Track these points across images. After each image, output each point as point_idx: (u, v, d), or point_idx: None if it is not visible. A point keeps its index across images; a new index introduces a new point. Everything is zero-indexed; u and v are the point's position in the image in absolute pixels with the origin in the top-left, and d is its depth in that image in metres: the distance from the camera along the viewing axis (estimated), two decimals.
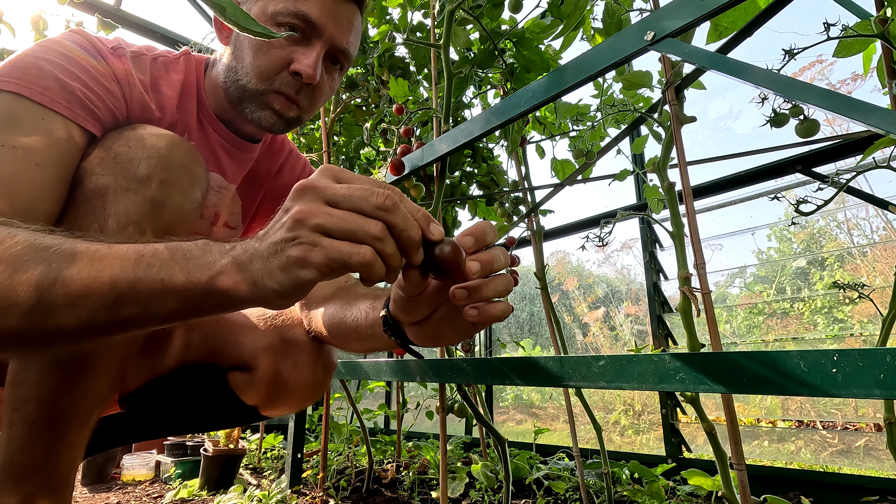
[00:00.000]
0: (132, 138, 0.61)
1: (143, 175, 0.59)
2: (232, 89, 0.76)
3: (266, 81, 0.73)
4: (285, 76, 0.73)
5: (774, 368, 0.50)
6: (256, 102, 0.75)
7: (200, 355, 0.80)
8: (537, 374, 0.75)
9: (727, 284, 2.41)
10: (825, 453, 1.86)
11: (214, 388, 0.80)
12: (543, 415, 3.00)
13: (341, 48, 0.76)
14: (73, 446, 0.59)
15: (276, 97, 0.74)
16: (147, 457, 2.05)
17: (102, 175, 0.58)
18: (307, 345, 0.82)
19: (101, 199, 0.57)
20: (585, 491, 1.29)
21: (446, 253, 0.44)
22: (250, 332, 0.80)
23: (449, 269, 0.45)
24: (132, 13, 1.78)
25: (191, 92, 0.78)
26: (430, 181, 1.52)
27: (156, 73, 0.74)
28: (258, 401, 0.81)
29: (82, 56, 0.63)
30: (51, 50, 0.61)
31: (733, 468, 0.76)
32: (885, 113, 0.50)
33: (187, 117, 0.77)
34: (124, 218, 0.57)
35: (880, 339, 0.80)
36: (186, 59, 0.80)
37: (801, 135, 0.87)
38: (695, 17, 0.66)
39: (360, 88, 1.80)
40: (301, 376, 0.81)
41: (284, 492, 1.57)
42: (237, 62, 0.75)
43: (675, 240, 0.86)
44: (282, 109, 0.75)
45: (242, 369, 0.80)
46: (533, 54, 1.35)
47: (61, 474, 0.58)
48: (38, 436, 0.56)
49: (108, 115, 0.64)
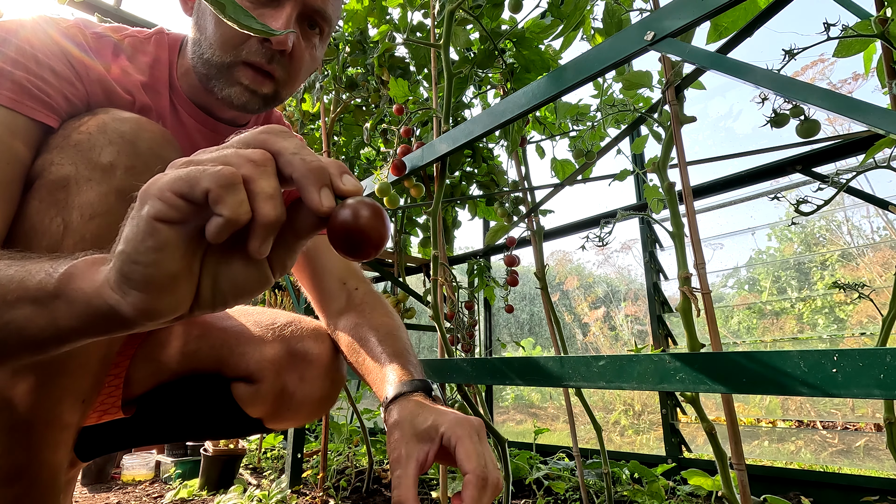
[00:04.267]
0: (92, 124, 0.56)
1: (107, 163, 0.54)
2: (199, 65, 0.69)
3: (231, 52, 0.65)
4: (253, 44, 0.65)
5: (774, 368, 0.50)
6: (224, 78, 0.67)
7: (207, 364, 0.77)
8: (537, 374, 0.75)
9: (725, 284, 2.41)
10: (825, 453, 1.86)
11: (218, 398, 0.78)
12: (543, 415, 3.00)
13: (315, 8, 0.67)
14: (56, 449, 0.56)
15: (245, 70, 0.66)
16: (147, 457, 2.05)
17: (62, 165, 0.54)
18: (315, 358, 0.78)
19: (64, 190, 0.53)
20: (585, 491, 1.29)
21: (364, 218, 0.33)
22: (257, 343, 0.76)
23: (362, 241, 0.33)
24: (132, 13, 1.78)
25: (161, 75, 0.71)
26: (430, 181, 1.52)
27: (122, 56, 0.67)
28: (263, 414, 0.78)
29: (29, 39, 0.57)
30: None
31: (733, 468, 0.76)
32: (886, 113, 0.50)
33: (160, 102, 0.71)
34: (89, 210, 0.53)
35: (880, 339, 0.80)
36: (158, 38, 0.72)
37: (801, 135, 0.87)
38: (695, 17, 0.66)
39: (360, 88, 1.80)
40: (308, 391, 0.78)
41: (284, 492, 1.58)
42: (200, 34, 0.67)
43: (675, 240, 0.86)
44: (252, 85, 0.67)
45: (247, 381, 0.77)
46: (533, 54, 1.35)
47: (46, 477, 0.56)
48: (18, 440, 0.53)
49: (64, 102, 0.59)
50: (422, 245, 2.12)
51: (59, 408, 0.56)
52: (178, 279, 0.33)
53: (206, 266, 0.35)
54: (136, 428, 0.78)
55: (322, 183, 0.33)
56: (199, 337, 0.78)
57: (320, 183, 0.33)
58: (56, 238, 0.52)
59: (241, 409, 0.77)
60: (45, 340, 0.37)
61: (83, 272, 0.35)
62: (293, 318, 0.82)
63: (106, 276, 0.33)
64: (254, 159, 0.32)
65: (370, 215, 0.33)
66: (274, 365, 0.76)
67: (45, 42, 0.59)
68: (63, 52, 0.60)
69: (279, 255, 0.36)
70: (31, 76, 0.56)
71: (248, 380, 0.76)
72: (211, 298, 0.35)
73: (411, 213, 2.04)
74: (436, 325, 1.12)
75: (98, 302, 0.34)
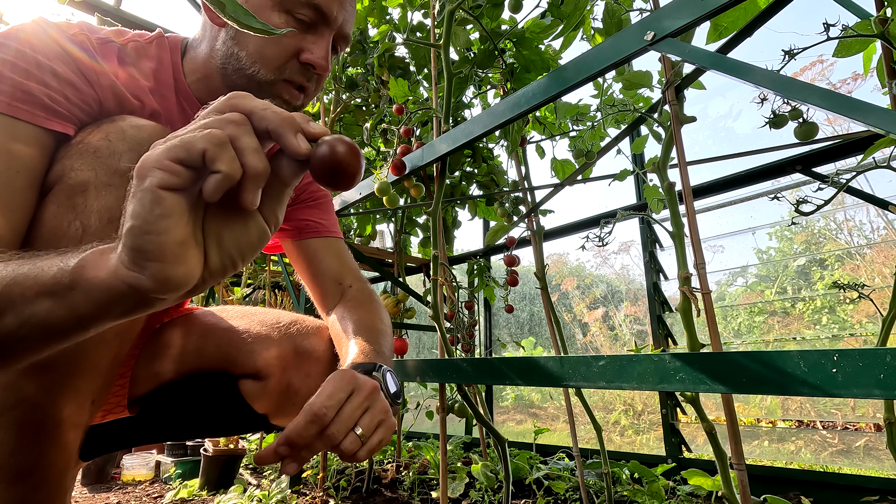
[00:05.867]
0: (111, 131, 0.58)
1: (126, 168, 0.56)
2: (235, 77, 0.72)
3: (276, 71, 0.71)
4: (295, 65, 0.71)
5: (774, 368, 0.50)
6: (265, 92, 0.72)
7: (213, 362, 0.79)
8: (537, 374, 0.75)
9: (728, 283, 2.41)
10: (825, 453, 1.86)
11: (226, 395, 0.80)
12: (543, 415, 3.00)
13: (345, 34, 0.75)
14: (64, 448, 0.57)
15: (286, 86, 0.72)
16: (147, 457, 2.05)
17: (82, 171, 0.56)
18: (321, 355, 0.81)
19: (83, 195, 0.55)
20: (585, 491, 1.29)
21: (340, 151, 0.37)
22: (263, 342, 0.79)
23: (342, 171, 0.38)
24: (132, 13, 1.78)
25: (167, 79, 0.74)
26: (430, 181, 1.52)
27: (127, 60, 0.69)
28: (269, 409, 0.81)
29: (39, 49, 0.58)
30: (1, 46, 0.56)
31: (733, 468, 0.76)
32: (885, 113, 0.50)
33: (167, 106, 0.73)
34: (107, 214, 0.55)
35: (880, 339, 0.80)
36: (159, 42, 0.75)
37: (800, 138, 0.87)
38: (695, 17, 0.66)
39: (360, 88, 1.80)
40: (312, 386, 0.78)
41: (284, 492, 1.58)
42: (240, 49, 0.71)
43: (675, 240, 0.86)
44: (291, 99, 0.74)
45: (255, 378, 0.79)
46: (533, 54, 1.35)
47: (54, 477, 0.57)
48: (27, 439, 0.54)
49: (77, 110, 0.60)
50: (422, 245, 2.12)
51: (69, 408, 0.56)
52: (187, 245, 0.35)
53: (207, 233, 0.37)
54: (140, 426, 0.79)
55: (296, 129, 0.37)
56: (202, 336, 0.80)
57: (294, 129, 0.37)
58: (75, 241, 0.53)
59: (248, 405, 0.80)
60: (68, 329, 0.39)
61: (94, 261, 0.37)
62: (297, 318, 0.85)
63: (119, 258, 0.35)
64: (234, 120, 0.35)
65: (345, 149, 0.37)
66: (281, 362, 0.78)
67: (54, 50, 0.60)
68: (72, 59, 0.61)
69: (270, 207, 0.40)
70: (44, 86, 0.57)
71: (255, 377, 0.79)
72: (219, 262, 0.38)
73: (411, 213, 2.04)
74: (436, 325, 1.12)
75: (116, 283, 0.36)
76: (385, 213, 2.02)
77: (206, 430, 0.86)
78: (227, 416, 0.82)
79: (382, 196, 1.28)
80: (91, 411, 0.61)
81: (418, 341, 3.39)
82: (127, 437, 0.79)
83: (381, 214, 2.04)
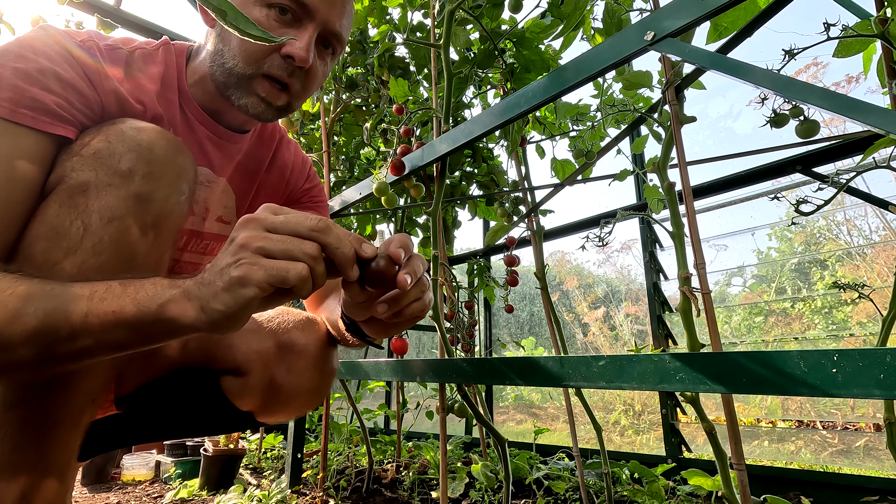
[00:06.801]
0: (112, 133, 0.60)
1: (126, 169, 0.57)
2: (218, 73, 0.73)
3: (254, 64, 0.70)
4: (275, 59, 0.70)
5: (774, 368, 0.50)
6: (243, 88, 0.72)
7: (196, 358, 0.78)
8: (537, 374, 0.75)
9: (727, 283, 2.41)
10: (825, 453, 1.86)
11: (207, 392, 0.78)
12: (543, 415, 3.00)
13: (334, 31, 0.73)
14: (65, 447, 0.58)
15: (263, 82, 0.71)
16: (147, 457, 2.05)
17: (83, 171, 0.57)
18: (304, 349, 0.79)
19: (83, 195, 0.56)
20: (585, 491, 1.29)
21: (382, 266, 0.51)
22: (244, 335, 0.78)
23: (384, 280, 0.52)
24: (132, 13, 1.78)
25: (172, 84, 0.75)
26: (430, 181, 1.52)
27: (133, 66, 0.71)
28: (253, 407, 0.79)
29: (44, 53, 0.60)
30: (8, 52, 0.58)
31: (733, 468, 0.76)
32: (885, 113, 0.50)
33: (170, 110, 0.74)
34: (108, 213, 0.56)
35: (880, 339, 0.80)
36: (166, 48, 0.76)
37: (801, 136, 0.87)
38: (695, 17, 0.66)
39: (360, 88, 1.80)
40: (297, 382, 0.79)
41: (284, 492, 1.58)
42: (224, 45, 0.71)
43: (675, 240, 0.86)
44: (268, 97, 0.72)
45: (236, 373, 0.77)
46: (533, 54, 1.35)
47: (55, 474, 0.57)
48: (29, 437, 0.55)
49: (79, 114, 0.62)
50: (422, 245, 2.12)
51: (70, 406, 0.57)
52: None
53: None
54: (128, 425, 0.79)
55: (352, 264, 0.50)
56: None
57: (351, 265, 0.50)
58: (76, 240, 0.55)
59: (231, 403, 0.78)
60: (133, 348, 0.51)
61: (176, 303, 0.47)
62: (281, 311, 0.84)
63: (197, 313, 0.47)
64: (313, 256, 0.47)
65: (386, 263, 0.52)
66: (261, 356, 0.77)
67: (59, 56, 0.61)
68: (77, 62, 0.63)
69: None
70: (48, 92, 0.58)
71: (236, 372, 0.77)
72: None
73: (411, 213, 2.04)
74: (436, 325, 1.12)
75: (192, 327, 0.48)
76: (385, 214, 2.02)
77: (193, 429, 0.84)
78: (208, 413, 0.80)
79: (381, 196, 1.28)
80: (92, 410, 0.61)
81: (418, 341, 3.39)
82: (116, 437, 0.78)
83: (381, 214, 2.04)
